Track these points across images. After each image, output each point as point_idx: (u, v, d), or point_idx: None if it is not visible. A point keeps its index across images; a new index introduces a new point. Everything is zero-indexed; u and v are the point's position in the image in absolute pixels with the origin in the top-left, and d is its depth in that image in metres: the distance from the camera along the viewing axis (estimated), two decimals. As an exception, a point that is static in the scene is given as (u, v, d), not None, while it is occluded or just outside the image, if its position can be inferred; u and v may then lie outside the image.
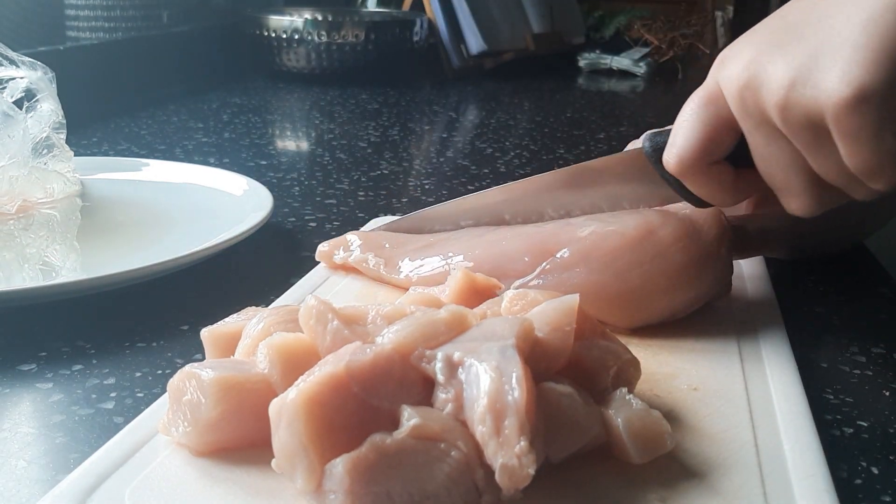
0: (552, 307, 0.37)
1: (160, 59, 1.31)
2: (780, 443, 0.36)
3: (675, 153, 0.45)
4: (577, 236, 0.48)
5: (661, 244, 0.47)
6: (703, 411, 0.39)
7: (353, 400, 0.31)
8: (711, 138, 0.44)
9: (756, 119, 0.41)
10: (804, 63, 0.38)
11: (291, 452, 0.30)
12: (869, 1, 0.37)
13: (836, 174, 0.40)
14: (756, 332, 0.48)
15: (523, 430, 0.29)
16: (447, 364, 0.32)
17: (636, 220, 0.48)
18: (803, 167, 0.42)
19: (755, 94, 0.41)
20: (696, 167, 0.45)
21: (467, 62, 1.63)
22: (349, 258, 0.56)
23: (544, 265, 0.48)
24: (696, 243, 0.47)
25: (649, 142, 0.48)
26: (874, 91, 0.36)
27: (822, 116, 0.38)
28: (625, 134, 1.17)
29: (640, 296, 0.46)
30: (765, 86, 0.40)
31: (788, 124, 0.40)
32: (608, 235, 0.47)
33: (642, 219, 0.48)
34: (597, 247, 0.47)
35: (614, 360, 0.38)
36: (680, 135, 0.45)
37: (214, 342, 0.39)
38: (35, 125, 0.69)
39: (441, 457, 0.30)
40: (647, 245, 0.47)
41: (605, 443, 0.34)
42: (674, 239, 0.47)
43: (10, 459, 0.36)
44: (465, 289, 0.44)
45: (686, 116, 0.45)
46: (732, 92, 0.42)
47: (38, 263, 0.57)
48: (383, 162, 0.96)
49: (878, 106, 0.36)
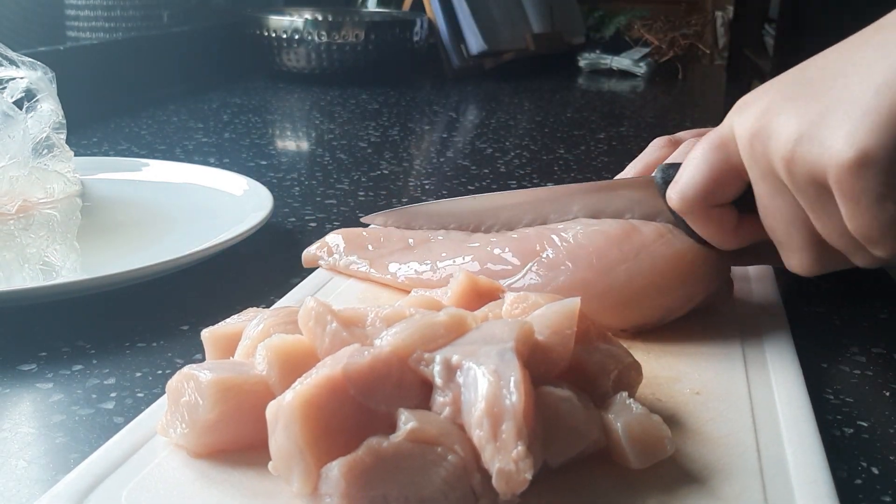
0: (553, 310, 0.36)
1: (160, 59, 1.31)
2: (782, 448, 0.36)
3: (677, 190, 0.45)
4: (562, 237, 0.49)
5: (645, 240, 0.47)
6: (705, 415, 0.39)
7: (350, 403, 0.31)
8: (717, 181, 0.44)
9: (763, 169, 0.41)
10: (814, 120, 0.38)
11: (288, 455, 0.30)
12: (886, 65, 0.36)
13: (838, 236, 0.40)
14: (761, 335, 0.47)
15: (520, 435, 0.29)
16: (445, 367, 0.32)
17: (618, 221, 0.49)
18: (805, 224, 0.41)
19: (764, 145, 0.40)
20: (697, 207, 0.45)
21: (467, 62, 1.63)
22: (336, 263, 0.56)
23: (531, 265, 0.48)
24: (679, 238, 0.47)
25: (661, 173, 0.49)
26: (878, 157, 0.36)
27: (826, 175, 0.37)
28: (624, 134, 1.17)
29: (628, 293, 0.46)
30: (773, 137, 0.40)
31: (793, 179, 0.39)
32: (592, 234, 0.48)
33: (626, 222, 0.49)
34: (581, 246, 0.48)
35: (615, 363, 0.37)
36: (685, 174, 0.45)
37: (214, 343, 0.39)
38: (35, 125, 0.69)
39: (438, 461, 0.30)
40: (631, 241, 0.47)
41: (605, 447, 0.34)
42: (656, 235, 0.47)
43: (10, 459, 0.36)
44: (467, 291, 0.44)
45: (695, 156, 0.45)
46: (743, 139, 0.42)
47: (38, 263, 0.57)
48: (383, 162, 0.96)
49: (880, 172, 0.36)
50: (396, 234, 0.57)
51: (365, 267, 0.55)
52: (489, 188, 0.85)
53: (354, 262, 0.55)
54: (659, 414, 0.35)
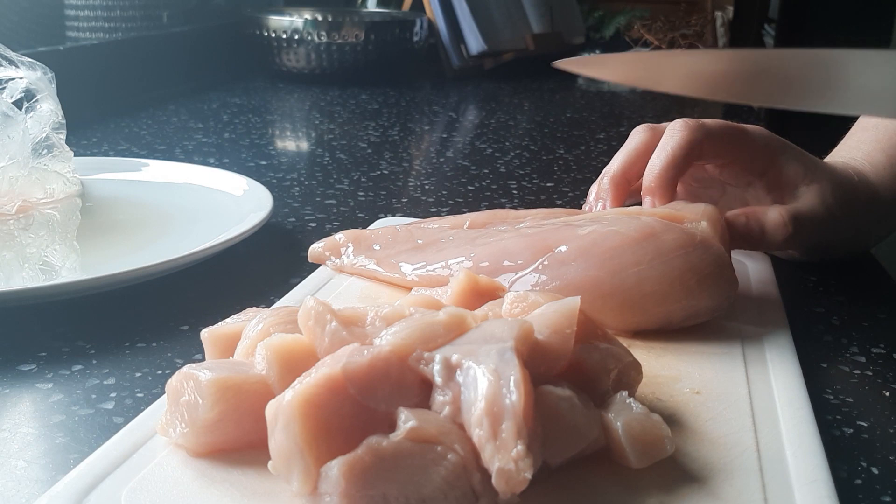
0: (553, 309, 0.36)
1: (160, 59, 1.31)
2: (782, 448, 0.36)
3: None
4: (577, 234, 0.48)
5: (662, 248, 0.46)
6: (705, 415, 0.39)
7: (349, 402, 0.31)
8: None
9: None
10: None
11: (287, 455, 0.30)
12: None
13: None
14: (761, 336, 0.47)
15: (520, 434, 0.29)
16: (445, 366, 0.32)
17: (638, 223, 0.48)
18: None
19: None
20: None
21: (467, 62, 1.63)
22: (343, 264, 0.56)
23: (542, 259, 0.48)
24: (699, 255, 0.47)
25: None
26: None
27: None
28: (624, 134, 1.16)
29: (635, 296, 0.46)
30: None
31: None
32: (608, 235, 0.47)
33: (645, 223, 0.48)
34: (596, 244, 0.47)
35: (615, 363, 0.37)
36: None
37: (214, 343, 0.39)
38: (35, 125, 0.69)
39: (437, 460, 0.30)
40: (648, 246, 0.47)
41: (605, 447, 0.34)
42: (676, 245, 0.47)
43: (10, 459, 0.36)
44: (467, 290, 0.44)
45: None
46: None
47: (38, 263, 0.57)
48: (383, 162, 0.96)
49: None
50: (404, 235, 0.57)
51: (373, 265, 0.55)
52: (489, 188, 0.85)
53: (361, 262, 0.55)
54: (659, 413, 0.35)
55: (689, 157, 0.53)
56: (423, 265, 0.53)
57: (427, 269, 0.53)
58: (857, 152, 0.62)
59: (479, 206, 0.79)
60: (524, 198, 0.83)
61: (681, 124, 0.54)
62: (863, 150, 0.62)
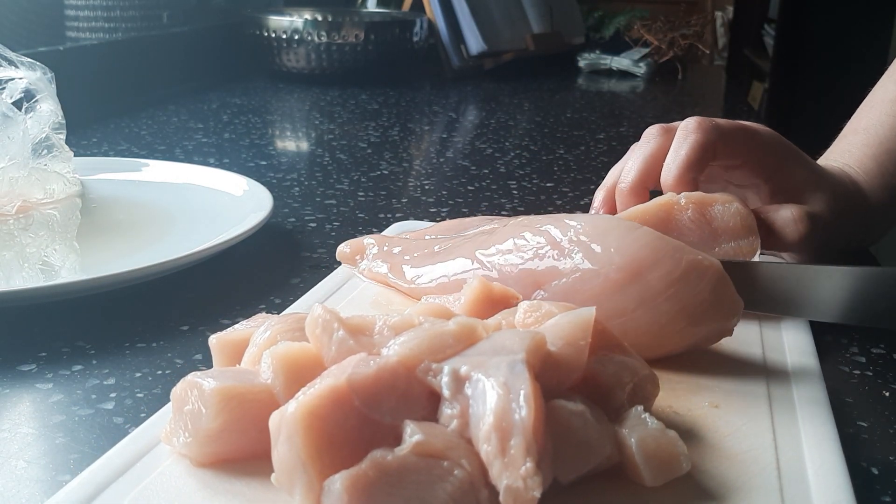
0: (567, 320, 0.35)
1: (160, 59, 1.31)
2: (804, 467, 0.35)
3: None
4: (558, 270, 0.44)
5: (648, 291, 0.41)
6: (724, 430, 0.37)
7: (354, 414, 0.30)
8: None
9: None
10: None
11: (290, 467, 0.30)
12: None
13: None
14: (783, 347, 0.46)
15: (529, 451, 0.28)
16: (454, 378, 0.31)
17: (624, 256, 0.42)
18: None
19: None
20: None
21: (467, 62, 1.63)
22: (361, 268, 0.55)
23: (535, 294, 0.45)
24: (690, 291, 0.41)
25: None
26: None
27: None
28: (624, 134, 1.17)
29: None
30: None
31: None
32: (589, 278, 0.43)
33: (632, 255, 0.42)
34: (575, 290, 0.43)
35: (631, 376, 0.36)
36: None
37: (222, 349, 0.39)
38: (35, 126, 0.69)
39: (444, 476, 0.29)
40: (632, 291, 0.42)
41: (618, 463, 0.33)
42: (664, 286, 0.41)
43: (10, 460, 0.36)
44: (480, 298, 0.43)
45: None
46: None
47: (38, 263, 0.57)
48: (383, 162, 0.96)
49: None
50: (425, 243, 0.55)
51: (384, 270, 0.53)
52: (489, 188, 0.86)
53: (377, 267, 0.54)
54: (676, 428, 0.34)
55: (704, 159, 0.52)
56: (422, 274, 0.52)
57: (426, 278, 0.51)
58: (848, 157, 0.62)
59: (479, 207, 0.79)
60: (524, 198, 0.83)
61: (694, 124, 0.53)
62: (854, 155, 0.62)
